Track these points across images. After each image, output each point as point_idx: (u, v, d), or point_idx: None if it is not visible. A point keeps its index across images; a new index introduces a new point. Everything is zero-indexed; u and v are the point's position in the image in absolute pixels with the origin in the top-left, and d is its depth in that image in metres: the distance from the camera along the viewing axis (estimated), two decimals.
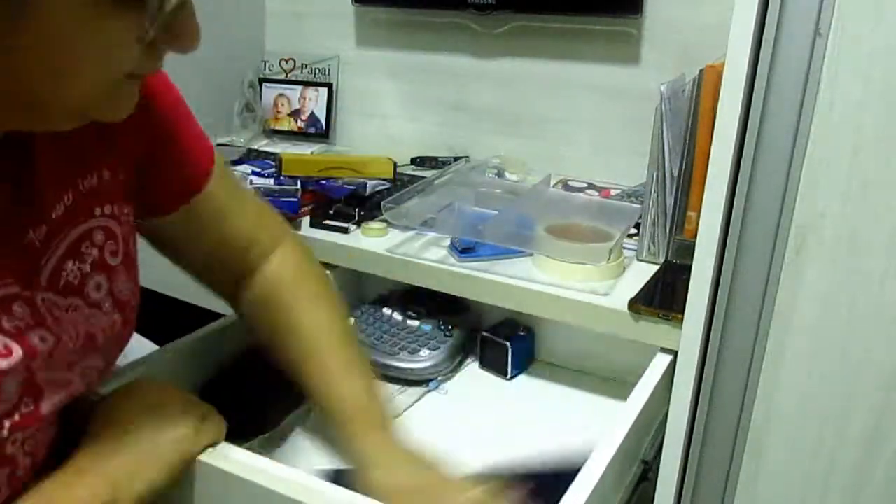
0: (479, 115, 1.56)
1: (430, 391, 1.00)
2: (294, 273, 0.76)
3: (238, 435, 0.70)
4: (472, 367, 1.07)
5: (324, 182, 1.23)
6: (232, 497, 0.61)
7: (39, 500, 0.53)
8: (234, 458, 0.62)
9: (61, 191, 0.57)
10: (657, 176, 0.97)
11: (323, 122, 1.71)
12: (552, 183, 1.32)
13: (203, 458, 0.61)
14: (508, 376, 1.04)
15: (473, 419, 0.95)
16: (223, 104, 1.67)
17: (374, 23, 1.64)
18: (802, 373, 0.77)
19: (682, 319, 0.82)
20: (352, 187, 1.22)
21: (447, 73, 1.56)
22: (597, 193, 1.33)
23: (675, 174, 0.96)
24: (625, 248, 1.02)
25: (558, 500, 0.61)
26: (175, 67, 1.46)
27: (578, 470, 0.66)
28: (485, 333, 1.06)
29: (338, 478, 0.66)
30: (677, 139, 0.95)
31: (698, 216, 0.77)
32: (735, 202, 0.75)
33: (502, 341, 1.04)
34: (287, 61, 1.74)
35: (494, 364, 1.05)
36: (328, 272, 1.08)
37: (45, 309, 0.55)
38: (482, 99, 1.54)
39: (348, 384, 0.70)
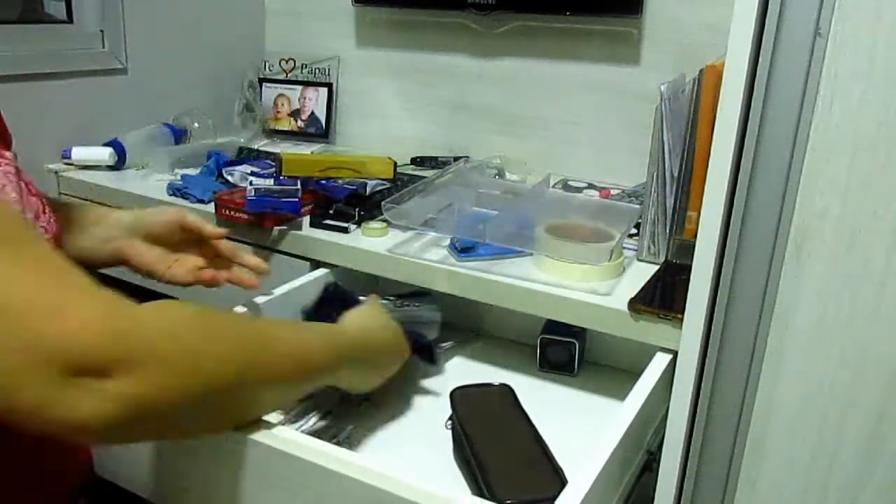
0: (479, 115, 1.56)
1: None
2: None
3: None
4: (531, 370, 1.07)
5: (324, 182, 1.23)
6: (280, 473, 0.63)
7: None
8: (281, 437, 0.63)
9: None
10: (657, 176, 0.97)
11: (323, 122, 1.72)
12: (552, 183, 1.32)
13: (254, 436, 0.62)
14: (575, 373, 1.05)
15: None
16: (223, 104, 1.67)
17: (374, 23, 1.64)
18: (802, 373, 0.77)
19: (682, 319, 0.82)
20: (352, 187, 1.22)
21: (447, 73, 1.57)
22: (597, 193, 1.33)
23: (675, 174, 0.96)
24: (625, 248, 1.03)
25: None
26: (176, 67, 1.48)
27: None
28: (544, 336, 1.04)
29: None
30: (677, 139, 0.95)
31: (698, 216, 0.77)
32: (735, 202, 0.75)
33: (568, 339, 1.03)
34: (287, 61, 1.74)
35: (558, 364, 1.05)
36: (327, 271, 1.08)
37: None
38: (482, 99, 1.54)
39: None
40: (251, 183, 1.20)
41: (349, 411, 0.91)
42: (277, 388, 0.61)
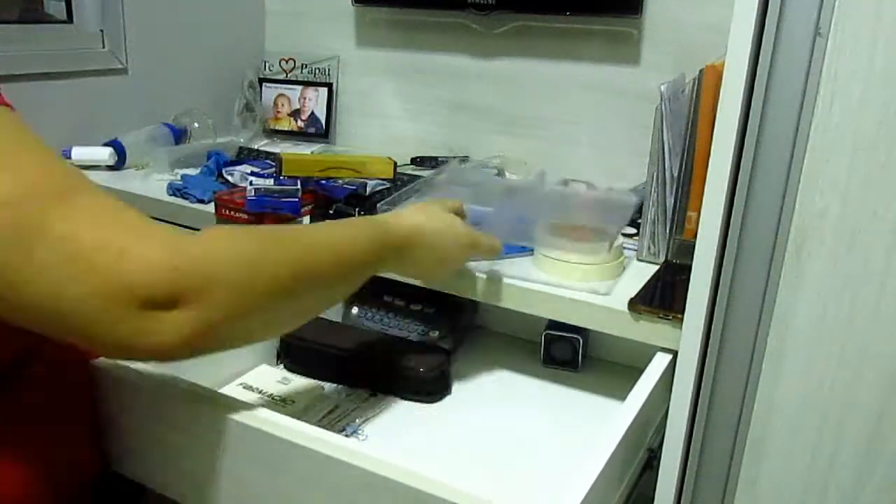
0: (479, 115, 1.56)
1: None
2: None
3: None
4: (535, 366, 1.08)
5: (324, 182, 1.23)
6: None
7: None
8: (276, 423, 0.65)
9: None
10: (657, 176, 0.97)
11: (323, 122, 1.72)
12: (552, 183, 1.32)
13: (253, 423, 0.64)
14: (578, 368, 1.05)
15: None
16: (223, 104, 1.67)
17: (374, 23, 1.64)
18: (802, 373, 0.77)
19: (682, 319, 0.82)
20: (352, 187, 1.22)
21: (447, 73, 1.57)
22: None
23: (675, 174, 0.96)
24: (625, 248, 1.02)
25: None
26: (176, 67, 1.47)
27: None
28: (549, 332, 1.05)
29: None
30: (677, 139, 0.95)
31: (698, 216, 0.77)
32: (735, 202, 0.75)
33: (573, 335, 1.04)
34: (287, 61, 1.74)
35: (561, 360, 1.06)
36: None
37: None
38: (482, 99, 1.54)
39: None
40: (251, 183, 1.20)
41: (355, 405, 0.91)
42: (327, 287, 0.66)
